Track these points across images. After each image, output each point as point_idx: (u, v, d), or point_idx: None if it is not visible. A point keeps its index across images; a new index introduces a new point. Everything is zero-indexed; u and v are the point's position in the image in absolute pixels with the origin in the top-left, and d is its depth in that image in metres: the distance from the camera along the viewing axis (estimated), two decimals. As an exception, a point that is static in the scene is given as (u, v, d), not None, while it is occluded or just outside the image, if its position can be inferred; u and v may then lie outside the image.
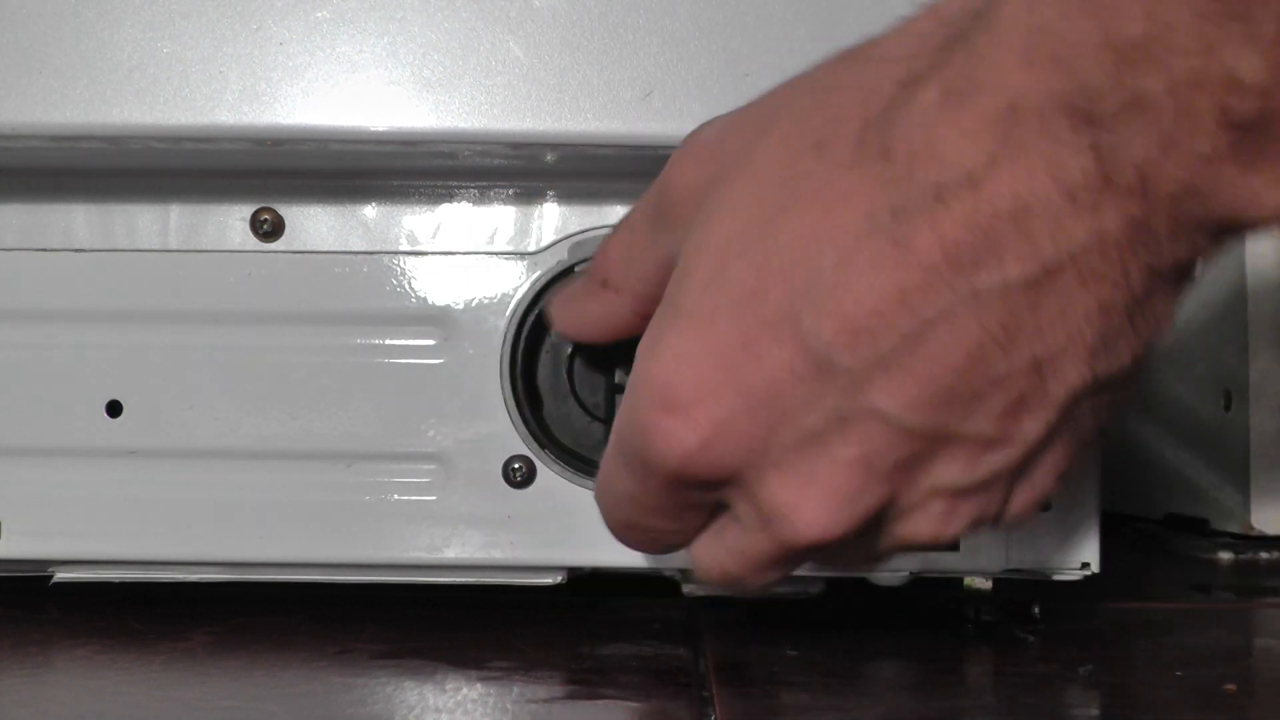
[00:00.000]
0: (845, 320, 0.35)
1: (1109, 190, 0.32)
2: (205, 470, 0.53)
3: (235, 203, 0.53)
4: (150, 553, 0.53)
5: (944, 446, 0.36)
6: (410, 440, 0.53)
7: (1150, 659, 0.50)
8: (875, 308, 0.34)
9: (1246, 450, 0.75)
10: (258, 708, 0.42)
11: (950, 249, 0.33)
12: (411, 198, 0.53)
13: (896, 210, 0.34)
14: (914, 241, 0.34)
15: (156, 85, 0.47)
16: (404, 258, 0.53)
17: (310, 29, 0.47)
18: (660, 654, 0.49)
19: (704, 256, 0.37)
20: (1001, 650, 0.51)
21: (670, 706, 0.43)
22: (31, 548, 0.53)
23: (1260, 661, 0.52)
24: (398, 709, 0.42)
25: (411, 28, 0.47)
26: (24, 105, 0.47)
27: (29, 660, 0.48)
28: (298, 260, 0.53)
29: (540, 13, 0.47)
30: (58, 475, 0.53)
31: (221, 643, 0.50)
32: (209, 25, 0.47)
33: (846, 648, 0.51)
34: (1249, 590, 0.67)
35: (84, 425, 0.53)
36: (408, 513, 0.52)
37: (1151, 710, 0.43)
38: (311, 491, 0.53)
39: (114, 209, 0.53)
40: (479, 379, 0.52)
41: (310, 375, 0.53)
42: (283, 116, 0.47)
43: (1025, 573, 0.53)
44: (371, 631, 0.52)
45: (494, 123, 0.47)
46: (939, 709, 0.43)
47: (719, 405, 0.36)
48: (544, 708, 0.42)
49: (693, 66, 0.47)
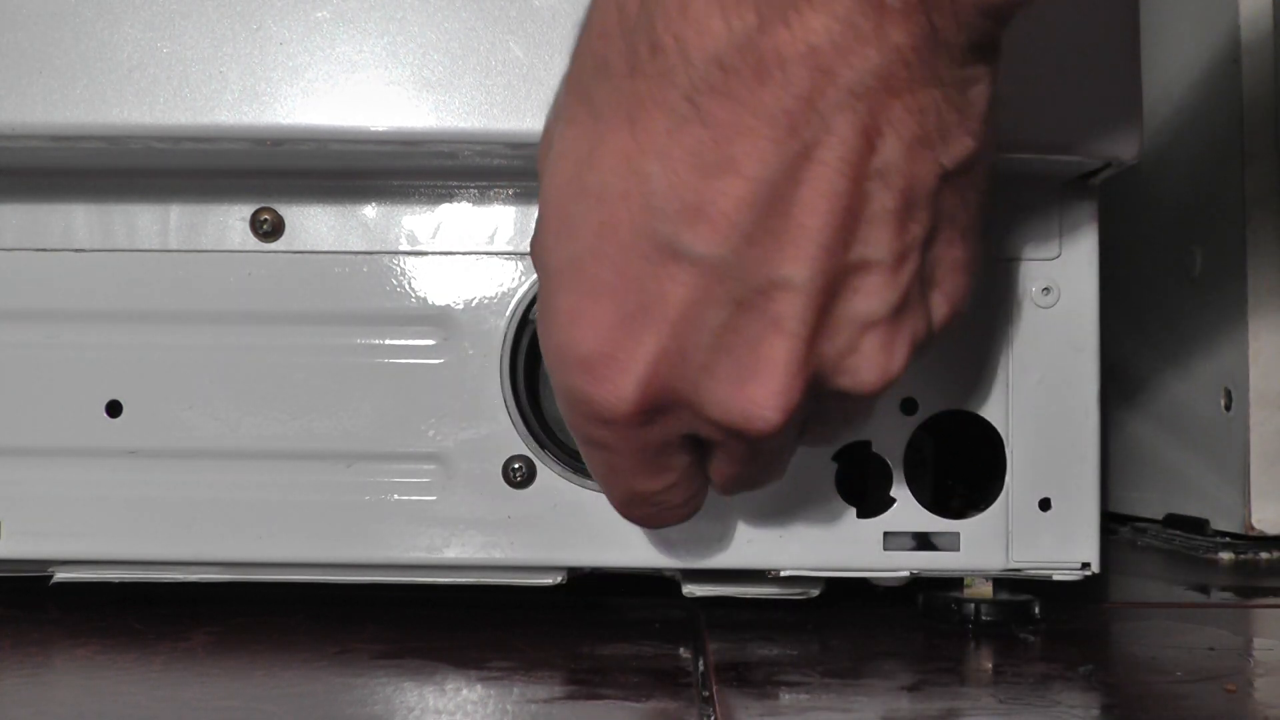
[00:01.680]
0: (699, 217, 0.35)
1: (885, 12, 0.33)
2: (205, 470, 0.53)
3: (235, 203, 0.53)
4: (150, 553, 0.53)
5: (850, 285, 0.37)
6: (410, 440, 0.53)
7: (1150, 659, 0.50)
8: (721, 192, 0.35)
9: (1246, 450, 0.75)
10: (258, 708, 0.42)
11: (759, 110, 0.34)
12: (411, 198, 0.53)
13: (691, 96, 0.35)
14: (721, 116, 0.34)
15: (156, 85, 0.47)
16: (404, 258, 0.53)
17: (310, 29, 0.47)
18: (660, 654, 0.49)
19: (547, 211, 0.38)
20: (1001, 650, 0.51)
21: (670, 706, 0.43)
22: (31, 548, 0.53)
23: (1260, 661, 0.52)
24: (398, 709, 0.42)
25: (411, 28, 0.47)
26: (24, 105, 0.47)
27: (29, 660, 0.48)
28: (298, 260, 0.53)
29: (540, 13, 0.47)
30: (58, 475, 0.53)
31: (221, 643, 0.50)
32: (209, 25, 0.47)
33: (846, 648, 0.51)
34: (1249, 590, 0.67)
35: (84, 425, 0.53)
36: (408, 513, 0.52)
37: (1151, 710, 0.43)
38: (311, 491, 0.53)
39: (114, 209, 0.53)
40: (479, 379, 0.52)
41: (310, 375, 0.53)
42: (283, 116, 0.47)
43: (1025, 573, 0.53)
44: (371, 631, 0.52)
45: (494, 123, 0.47)
46: (939, 709, 0.43)
47: (630, 342, 0.37)
48: (544, 708, 0.42)
49: (693, 66, 0.47)
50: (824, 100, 0.34)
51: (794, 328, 0.37)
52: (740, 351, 0.37)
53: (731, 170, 0.35)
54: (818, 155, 0.35)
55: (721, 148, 0.35)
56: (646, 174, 0.35)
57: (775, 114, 0.34)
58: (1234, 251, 0.76)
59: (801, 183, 0.35)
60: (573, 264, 0.37)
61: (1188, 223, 0.81)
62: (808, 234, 0.35)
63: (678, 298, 0.36)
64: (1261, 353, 0.74)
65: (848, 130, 0.35)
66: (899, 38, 0.34)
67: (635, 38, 0.35)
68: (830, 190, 0.35)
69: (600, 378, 0.38)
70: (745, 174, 0.35)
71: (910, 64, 0.34)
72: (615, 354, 0.37)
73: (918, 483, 0.53)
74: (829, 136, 0.35)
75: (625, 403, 0.38)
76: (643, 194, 0.36)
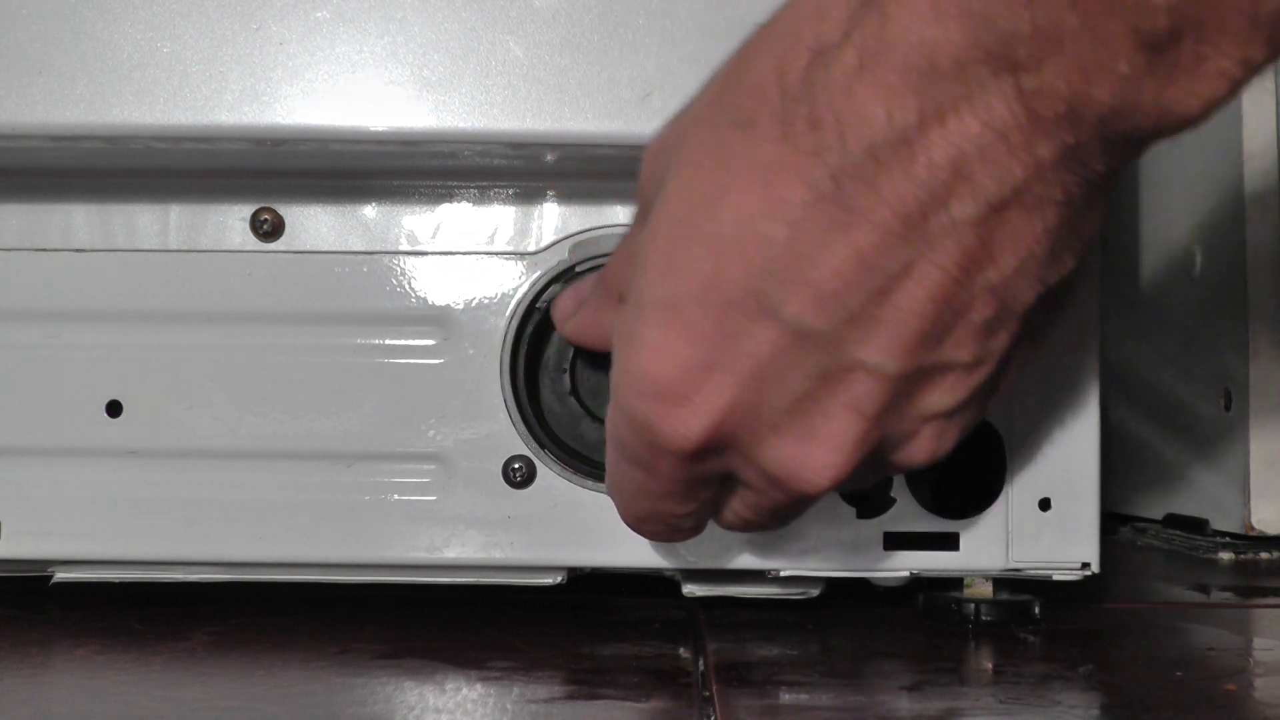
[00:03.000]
0: (809, 288, 0.36)
1: (1038, 125, 0.34)
2: (205, 470, 0.53)
3: (235, 203, 0.53)
4: (150, 553, 0.53)
5: (927, 380, 0.38)
6: (410, 440, 0.53)
7: (1150, 659, 0.50)
8: (836, 271, 0.36)
9: (1246, 450, 0.75)
10: (258, 708, 0.42)
11: (896, 204, 0.35)
12: (411, 198, 0.53)
13: (836, 176, 0.35)
14: (860, 203, 0.35)
15: (156, 85, 0.47)
16: (404, 258, 0.53)
17: (310, 29, 0.47)
18: (660, 654, 0.49)
19: (655, 246, 0.38)
20: (1001, 650, 0.51)
21: (670, 706, 0.43)
22: (31, 548, 0.53)
23: (1260, 661, 0.52)
24: (398, 709, 0.42)
25: (411, 28, 0.47)
26: (24, 105, 0.47)
27: (29, 660, 0.48)
28: (298, 260, 0.53)
29: (540, 13, 0.47)
30: (58, 475, 0.53)
31: (221, 643, 0.50)
32: (209, 25, 0.47)
33: (846, 648, 0.51)
34: (1249, 590, 0.67)
35: (84, 425, 0.53)
36: (408, 513, 0.52)
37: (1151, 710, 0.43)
38: (311, 491, 0.53)
39: (114, 209, 0.53)
40: (479, 379, 0.52)
41: (310, 375, 0.53)
42: (283, 116, 0.47)
43: (1025, 573, 0.53)
44: (371, 631, 0.52)
45: (494, 123, 0.47)
46: (939, 709, 0.43)
47: (710, 387, 0.38)
48: (544, 708, 0.42)
49: (693, 66, 0.47)
50: (958, 206, 0.35)
51: (868, 410, 0.38)
52: (811, 417, 0.39)
53: (853, 252, 0.36)
54: (936, 257, 0.36)
55: (850, 231, 0.36)
56: (770, 238, 0.36)
57: (909, 210, 0.35)
58: (1234, 251, 0.76)
59: (912, 278, 0.36)
60: (672, 303, 0.38)
61: (1188, 223, 0.81)
62: (905, 328, 0.37)
63: (765, 356, 0.38)
64: (1261, 353, 0.74)
65: (971, 239, 0.35)
66: (1045, 154, 0.34)
67: (793, 107, 0.36)
68: (938, 294, 0.36)
69: (672, 412, 0.39)
70: (866, 259, 0.36)
71: (1048, 182, 0.35)
72: (692, 395, 0.38)
73: (918, 483, 0.53)
74: (952, 242, 0.35)
75: (689, 441, 0.39)
76: (761, 255, 0.36)
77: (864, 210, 0.35)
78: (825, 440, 0.39)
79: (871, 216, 0.35)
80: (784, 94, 0.36)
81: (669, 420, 0.39)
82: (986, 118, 0.34)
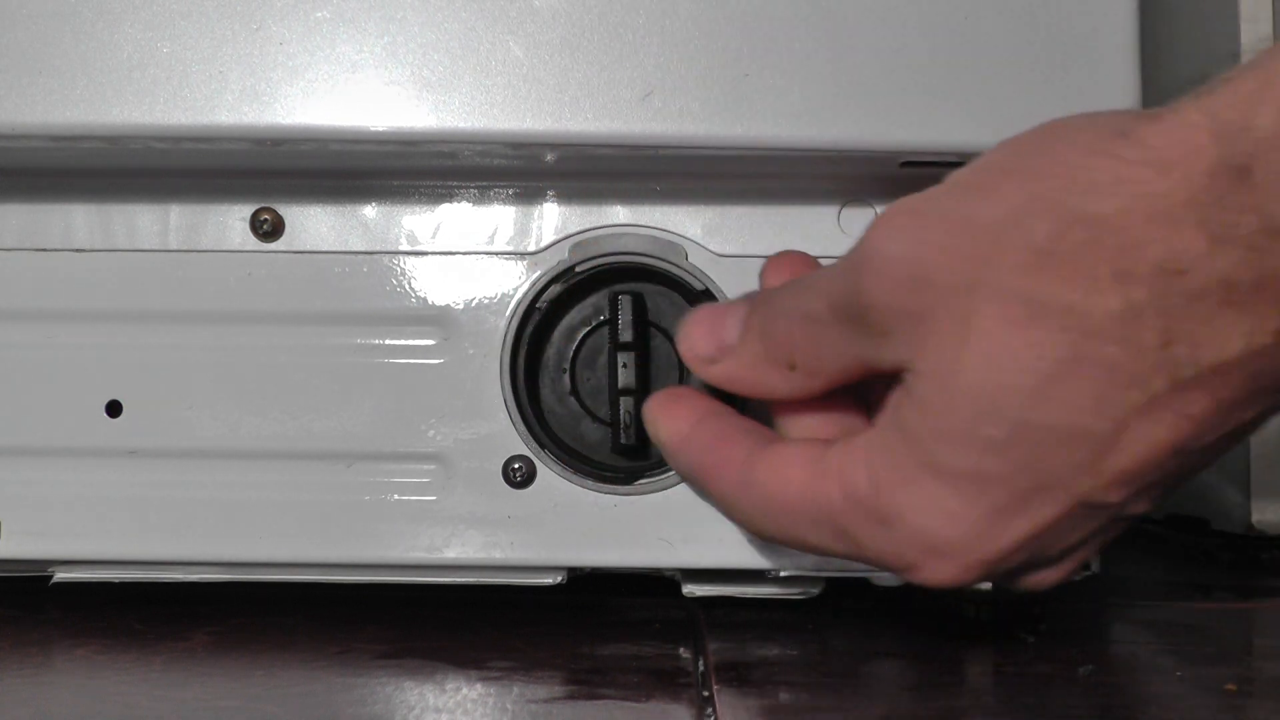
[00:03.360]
0: (1123, 476, 0.38)
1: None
2: (205, 470, 0.53)
3: (235, 203, 0.53)
4: (150, 553, 0.53)
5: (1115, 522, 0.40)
6: (410, 440, 0.53)
7: (1150, 659, 0.50)
8: (1150, 461, 0.38)
9: (1246, 450, 0.75)
10: (258, 708, 0.42)
11: (1224, 403, 0.37)
12: (411, 198, 0.53)
13: (1177, 383, 0.36)
14: (1195, 410, 0.37)
15: (156, 85, 0.47)
16: (404, 258, 0.53)
17: (310, 29, 0.47)
18: (660, 654, 0.49)
19: (958, 407, 0.38)
20: (1001, 650, 0.51)
21: (670, 706, 0.43)
22: (31, 548, 0.53)
23: (1260, 661, 0.52)
24: (398, 709, 0.42)
25: (411, 28, 0.47)
26: (24, 105, 0.47)
27: (29, 660, 0.48)
28: (298, 260, 0.53)
29: (540, 13, 0.47)
30: (58, 475, 0.53)
31: (221, 643, 0.50)
32: (209, 25, 0.47)
33: (846, 648, 0.51)
34: (1249, 590, 0.67)
35: (84, 425, 0.53)
36: (408, 513, 0.52)
37: (1151, 710, 0.43)
38: (311, 491, 0.53)
39: (114, 209, 0.53)
40: (479, 379, 0.52)
41: (310, 375, 0.53)
42: (283, 116, 0.47)
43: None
44: (371, 631, 0.52)
45: (494, 123, 0.47)
46: (939, 709, 0.43)
47: (986, 546, 0.39)
48: (544, 708, 0.42)
49: (693, 66, 0.47)
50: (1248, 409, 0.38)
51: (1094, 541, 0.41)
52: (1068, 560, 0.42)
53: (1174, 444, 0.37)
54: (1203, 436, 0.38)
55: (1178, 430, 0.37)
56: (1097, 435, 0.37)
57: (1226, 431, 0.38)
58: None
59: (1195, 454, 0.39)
60: (979, 479, 0.38)
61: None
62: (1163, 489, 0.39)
63: (1051, 522, 0.39)
64: (1262, 353, 0.74)
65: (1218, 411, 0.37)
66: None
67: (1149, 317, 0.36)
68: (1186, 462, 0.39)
69: (940, 565, 0.40)
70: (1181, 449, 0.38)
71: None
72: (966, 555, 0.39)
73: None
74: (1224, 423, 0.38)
75: (942, 583, 0.40)
76: (1088, 454, 0.37)
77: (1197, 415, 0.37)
78: (1064, 569, 0.41)
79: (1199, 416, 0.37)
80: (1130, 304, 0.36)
81: (931, 568, 0.40)
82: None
